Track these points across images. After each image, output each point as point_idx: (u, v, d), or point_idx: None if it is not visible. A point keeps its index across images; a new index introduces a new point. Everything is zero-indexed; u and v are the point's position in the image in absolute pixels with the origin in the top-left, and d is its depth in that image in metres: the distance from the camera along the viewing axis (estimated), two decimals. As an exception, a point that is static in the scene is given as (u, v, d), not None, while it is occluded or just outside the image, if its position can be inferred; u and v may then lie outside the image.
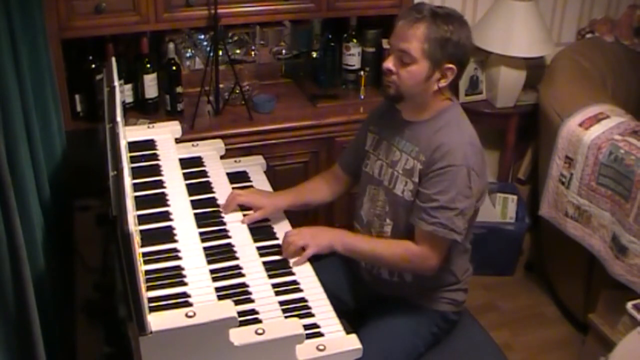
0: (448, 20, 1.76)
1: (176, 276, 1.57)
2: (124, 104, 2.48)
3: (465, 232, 1.82)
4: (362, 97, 2.82)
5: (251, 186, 2.15)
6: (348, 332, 1.61)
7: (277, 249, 1.86)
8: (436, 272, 1.85)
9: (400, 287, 1.95)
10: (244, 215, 1.95)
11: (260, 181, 2.20)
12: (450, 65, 1.78)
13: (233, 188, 2.05)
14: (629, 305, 2.23)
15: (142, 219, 1.73)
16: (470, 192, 1.78)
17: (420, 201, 1.80)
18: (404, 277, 1.93)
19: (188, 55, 2.78)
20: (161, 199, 1.85)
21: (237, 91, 2.64)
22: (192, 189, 1.96)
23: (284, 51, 2.96)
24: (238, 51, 2.82)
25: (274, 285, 1.71)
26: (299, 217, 2.16)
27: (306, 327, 1.54)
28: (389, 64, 1.81)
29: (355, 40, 2.84)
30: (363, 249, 1.88)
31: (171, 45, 2.59)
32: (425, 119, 1.86)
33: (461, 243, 1.86)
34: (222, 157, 2.23)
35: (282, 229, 1.95)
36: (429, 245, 1.80)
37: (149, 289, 1.49)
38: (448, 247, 1.84)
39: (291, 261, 1.82)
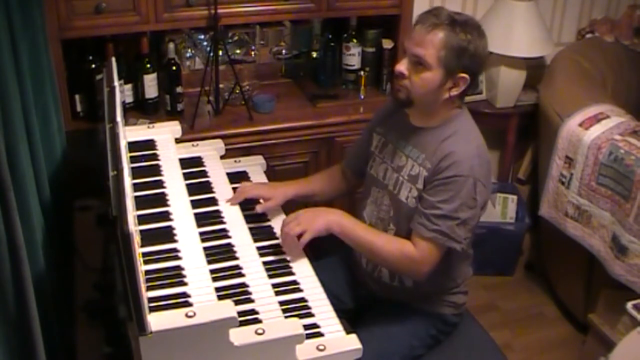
0: (466, 29, 1.72)
1: (176, 276, 1.56)
2: (124, 104, 2.48)
3: (466, 242, 1.81)
4: (362, 97, 2.82)
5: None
6: (348, 332, 1.61)
7: (277, 249, 1.86)
8: (432, 277, 1.82)
9: (400, 291, 1.94)
10: (254, 207, 1.98)
11: (260, 181, 2.18)
12: (464, 75, 1.75)
13: (233, 188, 2.05)
14: (629, 305, 2.23)
15: (142, 219, 1.73)
16: (475, 203, 1.76)
17: (422, 207, 1.78)
18: (404, 282, 1.92)
19: (188, 55, 2.78)
20: (161, 199, 1.85)
21: (237, 91, 2.63)
22: (192, 189, 1.96)
23: (284, 51, 2.96)
24: (238, 51, 2.82)
25: (274, 285, 1.71)
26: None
27: (306, 327, 1.53)
28: (402, 67, 1.77)
29: (355, 40, 2.84)
30: (360, 236, 1.83)
31: (171, 45, 2.58)
32: (433, 126, 1.84)
33: (461, 251, 1.83)
34: (222, 157, 2.23)
35: (282, 229, 1.95)
36: (425, 251, 1.78)
37: (149, 289, 1.49)
38: (443, 255, 1.80)
39: (289, 257, 1.81)
